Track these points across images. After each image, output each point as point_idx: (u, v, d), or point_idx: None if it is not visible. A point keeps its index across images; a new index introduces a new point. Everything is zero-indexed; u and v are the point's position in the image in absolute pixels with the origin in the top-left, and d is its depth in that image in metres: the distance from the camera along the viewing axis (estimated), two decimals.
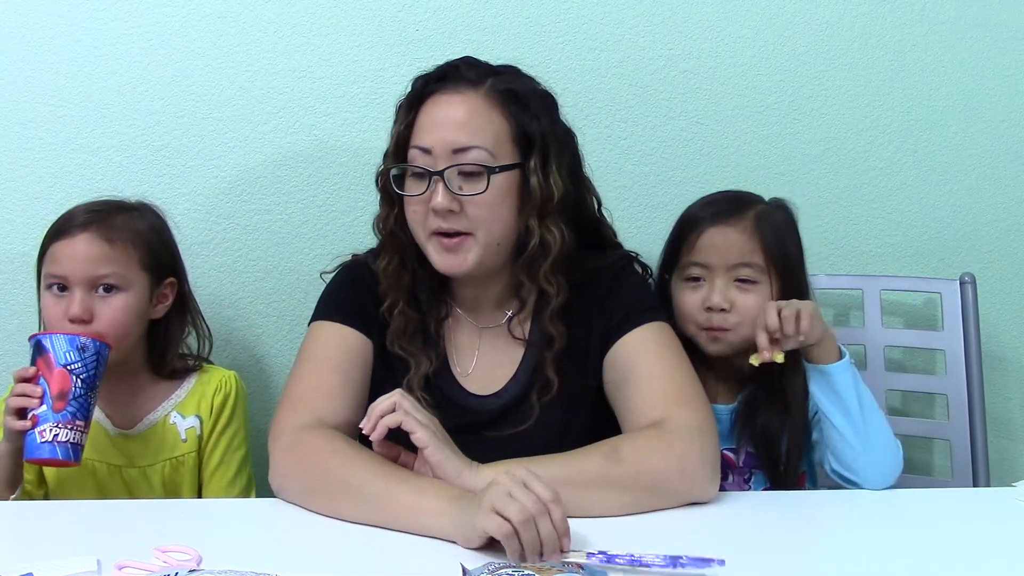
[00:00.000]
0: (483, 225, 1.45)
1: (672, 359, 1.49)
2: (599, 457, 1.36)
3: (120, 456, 1.65)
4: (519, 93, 1.48)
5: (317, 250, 1.96)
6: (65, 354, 1.43)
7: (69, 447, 1.41)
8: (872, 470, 1.52)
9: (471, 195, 1.44)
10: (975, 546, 1.31)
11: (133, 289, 1.59)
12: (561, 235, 1.48)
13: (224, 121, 1.92)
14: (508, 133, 1.47)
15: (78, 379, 1.43)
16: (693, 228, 1.66)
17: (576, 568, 1.15)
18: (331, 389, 1.47)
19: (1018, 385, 2.10)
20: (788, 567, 1.25)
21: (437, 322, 1.57)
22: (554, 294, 1.50)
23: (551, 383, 1.51)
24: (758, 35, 1.97)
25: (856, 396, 1.53)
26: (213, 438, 1.68)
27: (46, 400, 1.41)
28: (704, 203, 1.70)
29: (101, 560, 1.20)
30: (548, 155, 1.48)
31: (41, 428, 1.40)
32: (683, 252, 1.67)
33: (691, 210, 1.70)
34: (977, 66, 2.00)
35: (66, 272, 1.55)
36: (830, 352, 1.54)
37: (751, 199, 1.70)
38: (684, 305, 1.66)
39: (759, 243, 1.63)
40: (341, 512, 1.34)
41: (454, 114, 1.45)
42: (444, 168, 1.43)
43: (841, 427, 1.53)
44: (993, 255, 2.05)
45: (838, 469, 1.54)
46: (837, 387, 1.53)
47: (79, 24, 1.89)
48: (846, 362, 1.54)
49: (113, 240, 1.57)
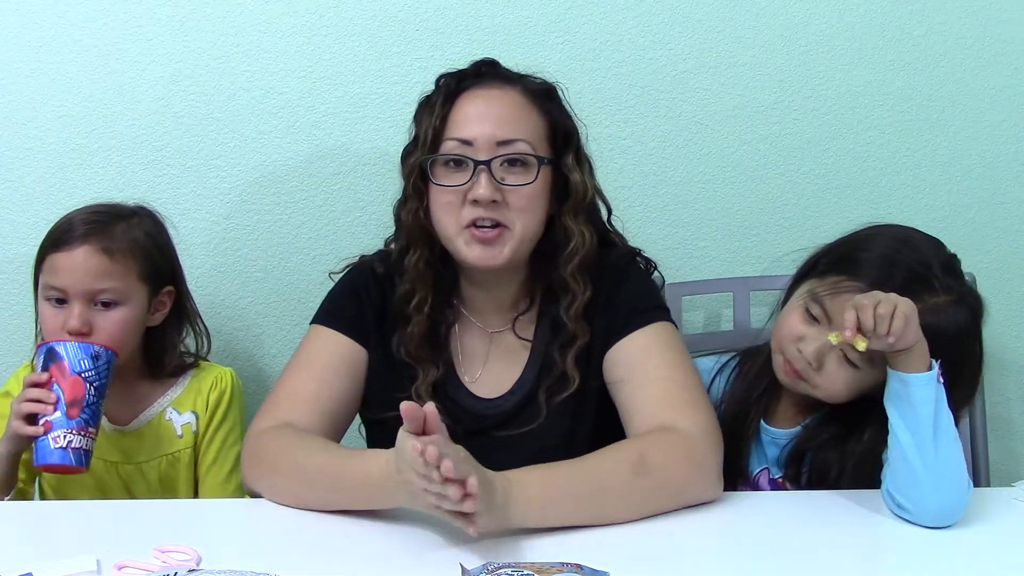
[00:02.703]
0: (521, 218, 1.46)
1: (676, 360, 1.48)
2: (627, 469, 1.33)
3: (117, 452, 1.65)
4: (552, 92, 1.52)
5: (317, 250, 1.96)
6: (80, 362, 1.44)
7: (82, 453, 1.42)
8: (929, 504, 1.34)
9: (517, 185, 1.44)
10: (975, 546, 1.31)
11: (132, 302, 1.59)
12: (590, 234, 1.51)
13: (224, 121, 1.92)
14: (544, 130, 1.49)
15: (91, 387, 1.44)
16: (851, 276, 1.46)
17: (576, 568, 1.15)
18: (305, 396, 1.48)
19: (1018, 385, 2.10)
20: (788, 567, 1.25)
21: (446, 327, 1.57)
22: (580, 292, 1.50)
23: (568, 381, 1.51)
24: (758, 35, 1.97)
25: (932, 416, 1.34)
26: (209, 434, 1.68)
27: (60, 407, 1.42)
28: (881, 257, 1.48)
29: (101, 560, 1.20)
30: (580, 154, 1.52)
31: (55, 434, 1.41)
32: (827, 284, 1.49)
33: (869, 249, 1.50)
34: (977, 66, 2.00)
35: (65, 285, 1.55)
36: (917, 361, 1.35)
37: (932, 282, 1.45)
38: (786, 327, 1.52)
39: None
40: (302, 498, 1.36)
41: (496, 108, 1.46)
42: (491, 158, 1.44)
43: (906, 445, 1.35)
44: (993, 255, 2.04)
45: (893, 492, 1.37)
46: (913, 399, 1.35)
47: (79, 24, 1.89)
48: (931, 375, 1.35)
49: (113, 252, 1.56)
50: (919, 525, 1.34)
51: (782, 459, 1.57)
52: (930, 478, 1.33)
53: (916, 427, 1.34)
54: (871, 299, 1.33)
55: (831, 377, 1.48)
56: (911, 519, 1.35)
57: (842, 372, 1.47)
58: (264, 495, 1.41)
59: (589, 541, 1.26)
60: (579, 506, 1.29)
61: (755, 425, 1.59)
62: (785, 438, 1.58)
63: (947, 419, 1.36)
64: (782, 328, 1.53)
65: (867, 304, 1.33)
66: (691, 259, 2.01)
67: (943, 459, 1.34)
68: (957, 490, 1.35)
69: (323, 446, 1.41)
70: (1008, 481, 1.58)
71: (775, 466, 1.59)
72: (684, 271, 1.97)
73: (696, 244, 2.02)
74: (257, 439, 1.44)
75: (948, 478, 1.34)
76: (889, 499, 1.38)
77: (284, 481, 1.39)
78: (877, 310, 1.32)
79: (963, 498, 1.35)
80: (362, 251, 1.63)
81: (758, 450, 1.60)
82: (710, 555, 1.30)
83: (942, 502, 1.34)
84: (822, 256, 1.56)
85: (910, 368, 1.35)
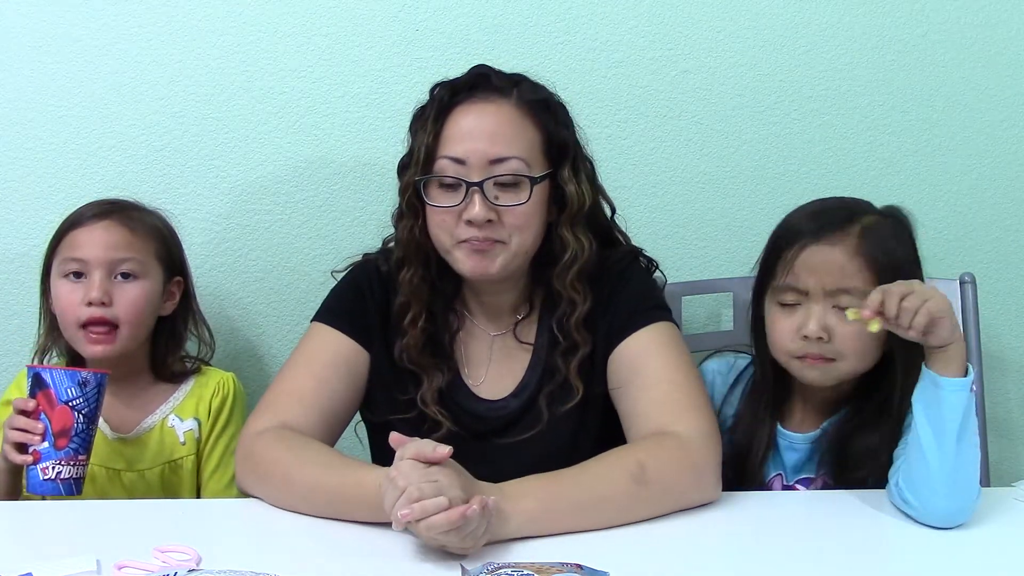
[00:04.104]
0: (516, 234, 1.45)
1: (677, 362, 1.48)
2: (627, 479, 1.32)
3: (119, 460, 1.65)
4: (547, 102, 1.49)
5: (317, 250, 1.96)
6: (67, 390, 1.40)
7: (72, 483, 1.41)
8: (937, 505, 1.32)
9: (510, 205, 1.43)
10: (975, 546, 1.31)
11: (150, 278, 1.61)
12: (589, 243, 1.49)
13: (224, 121, 1.92)
14: (539, 142, 1.47)
15: (80, 415, 1.41)
16: (790, 244, 1.49)
17: (576, 568, 1.15)
18: (303, 393, 1.48)
19: (1018, 385, 2.10)
20: (788, 567, 1.25)
21: (451, 334, 1.56)
22: (580, 301, 1.50)
23: (572, 390, 1.50)
24: (758, 35, 1.97)
25: (959, 422, 1.32)
26: (211, 440, 1.68)
27: (48, 437, 1.40)
28: (805, 214, 1.52)
29: (101, 560, 1.20)
30: (577, 163, 1.50)
31: (44, 466, 1.40)
32: (778, 272, 1.50)
33: (790, 220, 1.53)
34: (977, 66, 2.00)
35: (87, 256, 1.56)
36: (952, 363, 1.33)
37: (857, 209, 1.51)
38: (776, 331, 1.50)
39: (864, 264, 1.44)
40: (294, 507, 1.35)
41: (488, 124, 1.44)
42: (483, 180, 1.42)
43: (927, 445, 1.33)
44: (993, 255, 2.04)
45: (903, 488, 1.35)
46: (942, 404, 1.32)
47: (79, 24, 1.88)
48: (964, 382, 1.32)
49: (134, 228, 1.60)
50: (921, 523, 1.34)
51: (809, 461, 1.55)
52: (944, 481, 1.32)
53: (941, 431, 1.32)
54: (902, 287, 1.32)
55: (848, 339, 1.45)
56: (915, 516, 1.35)
57: (854, 326, 1.41)
58: (257, 497, 1.41)
59: (589, 541, 1.26)
60: (577, 516, 1.29)
61: (772, 432, 1.57)
62: (803, 442, 1.56)
63: (972, 426, 1.34)
64: (775, 336, 1.51)
65: (895, 292, 1.32)
66: (691, 259, 2.01)
67: (962, 464, 1.33)
68: (967, 495, 1.34)
69: (316, 457, 1.39)
70: (1008, 481, 1.58)
71: (793, 471, 1.57)
72: (684, 271, 1.97)
73: (696, 244, 2.02)
74: (252, 443, 1.43)
75: (961, 483, 1.33)
76: (896, 493, 1.37)
77: (275, 492, 1.38)
78: (903, 302, 1.31)
79: (971, 503, 1.34)
80: (362, 251, 1.63)
81: (774, 456, 1.58)
82: (710, 555, 1.30)
83: (950, 505, 1.33)
84: (762, 263, 1.56)
85: (945, 371, 1.33)
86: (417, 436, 1.28)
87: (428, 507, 1.17)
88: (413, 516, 1.17)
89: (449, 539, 1.19)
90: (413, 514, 1.17)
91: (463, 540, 1.19)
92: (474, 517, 1.18)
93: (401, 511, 1.18)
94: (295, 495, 1.36)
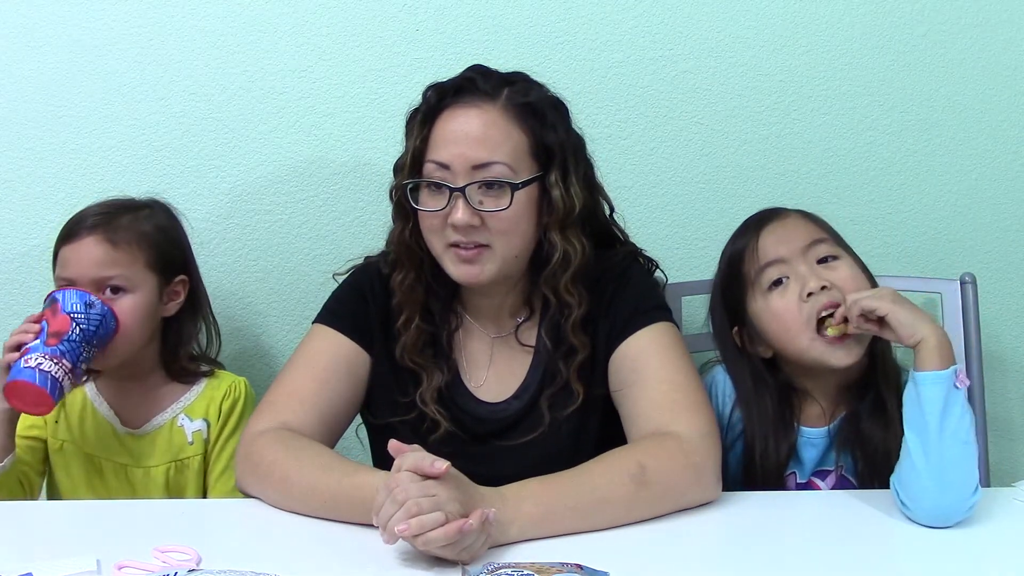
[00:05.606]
0: (503, 239, 1.45)
1: (677, 362, 1.47)
2: (627, 481, 1.32)
3: (126, 455, 1.66)
4: (535, 105, 1.47)
5: (318, 250, 1.96)
6: (72, 304, 1.49)
7: (48, 377, 1.43)
8: (926, 503, 1.33)
9: (493, 211, 1.43)
10: (975, 546, 1.31)
11: (140, 290, 1.61)
12: (581, 246, 1.48)
13: (224, 121, 1.92)
14: (526, 146, 1.46)
15: (77, 327, 1.47)
16: (747, 244, 1.57)
17: (576, 568, 1.15)
18: (303, 395, 1.48)
19: (1018, 385, 2.09)
20: (788, 566, 1.25)
21: (449, 333, 1.57)
22: (575, 305, 1.49)
23: (573, 394, 1.50)
24: (758, 35, 1.97)
25: (939, 417, 1.33)
26: (220, 442, 1.68)
27: (41, 336, 1.46)
28: (742, 226, 1.63)
29: (101, 560, 1.20)
30: (567, 166, 1.48)
31: (28, 356, 1.44)
32: (747, 273, 1.56)
33: (734, 240, 1.62)
34: (977, 66, 2.00)
35: (73, 275, 1.58)
36: (929, 359, 1.35)
37: None
38: (780, 316, 1.53)
39: (815, 222, 1.58)
40: (293, 509, 1.36)
41: (472, 129, 1.43)
42: (465, 184, 1.42)
43: (911, 442, 1.35)
44: (993, 255, 2.04)
45: (896, 486, 1.37)
46: (921, 398, 1.35)
47: (79, 24, 1.89)
48: (938, 376, 1.34)
49: (116, 243, 1.59)
50: (918, 523, 1.34)
51: (828, 452, 1.56)
52: (931, 478, 1.32)
53: (921, 426, 1.34)
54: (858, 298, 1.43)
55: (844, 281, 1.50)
56: (910, 516, 1.35)
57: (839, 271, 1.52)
58: (256, 498, 1.41)
59: (589, 541, 1.27)
60: (578, 518, 1.29)
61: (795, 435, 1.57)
62: (820, 437, 1.57)
63: (958, 422, 1.34)
64: (786, 320, 1.52)
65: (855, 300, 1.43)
66: (691, 259, 2.01)
67: (948, 462, 1.33)
68: (958, 493, 1.33)
69: (315, 458, 1.38)
70: (1008, 481, 1.58)
71: (809, 466, 1.58)
72: (684, 271, 1.97)
73: (696, 244, 2.01)
74: (252, 443, 1.43)
75: (950, 481, 1.33)
76: (894, 492, 1.38)
77: (274, 493, 1.38)
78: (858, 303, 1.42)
79: (965, 502, 1.34)
80: (362, 251, 1.64)
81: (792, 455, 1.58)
82: (710, 555, 1.30)
83: (940, 503, 1.33)
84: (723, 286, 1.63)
85: (921, 365, 1.36)
86: (417, 438, 1.28)
87: (425, 523, 1.17)
88: (410, 532, 1.17)
89: (445, 552, 1.19)
90: (410, 529, 1.17)
91: (459, 553, 1.19)
92: (471, 532, 1.18)
93: (398, 527, 1.17)
94: (293, 496, 1.36)
